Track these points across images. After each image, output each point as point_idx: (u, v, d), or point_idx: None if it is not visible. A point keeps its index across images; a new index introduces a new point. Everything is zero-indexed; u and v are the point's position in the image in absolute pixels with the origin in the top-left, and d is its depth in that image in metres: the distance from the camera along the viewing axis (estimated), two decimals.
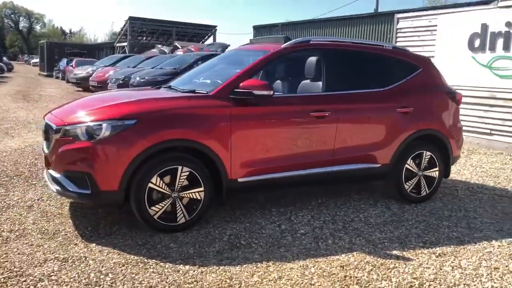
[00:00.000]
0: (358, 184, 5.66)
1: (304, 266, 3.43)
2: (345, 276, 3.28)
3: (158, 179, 3.84)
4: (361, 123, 4.76)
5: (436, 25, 9.42)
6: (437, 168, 5.21)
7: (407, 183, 5.04)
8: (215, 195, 4.13)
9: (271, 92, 4.10)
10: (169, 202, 3.92)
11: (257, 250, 3.71)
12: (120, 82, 15.84)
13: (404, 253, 3.75)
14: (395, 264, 3.51)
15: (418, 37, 9.83)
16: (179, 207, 3.95)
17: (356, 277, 3.29)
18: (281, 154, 4.36)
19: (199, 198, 4.01)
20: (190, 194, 3.98)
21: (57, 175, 3.91)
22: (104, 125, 3.72)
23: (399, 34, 10.27)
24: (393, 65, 5.08)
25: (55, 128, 3.91)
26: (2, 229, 3.95)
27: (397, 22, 10.31)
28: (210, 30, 34.17)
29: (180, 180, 3.92)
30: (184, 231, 4.00)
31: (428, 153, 5.12)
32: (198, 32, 33.92)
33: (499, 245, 3.98)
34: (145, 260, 3.44)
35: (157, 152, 3.81)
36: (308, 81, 4.68)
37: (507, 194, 5.63)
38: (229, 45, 20.51)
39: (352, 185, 5.61)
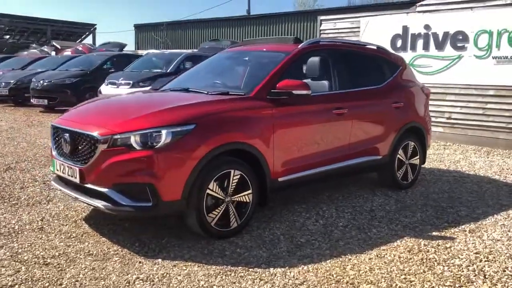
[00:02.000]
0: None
1: (379, 256, 3.63)
2: (422, 259, 3.56)
3: (215, 184, 3.72)
4: (368, 119, 5.09)
5: (359, 27, 10.24)
6: (418, 156, 5.78)
7: (398, 172, 5.52)
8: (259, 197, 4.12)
9: (310, 92, 4.21)
10: (224, 208, 3.81)
11: (321, 246, 3.80)
12: (12, 86, 14.25)
13: (442, 233, 4.16)
14: (448, 243, 3.89)
15: (342, 38, 10.56)
16: (231, 211, 3.87)
17: (430, 258, 3.58)
18: (312, 151, 4.49)
19: (247, 200, 3.96)
20: (240, 197, 3.91)
21: (103, 189, 3.55)
22: (164, 131, 3.49)
23: (323, 35, 10.92)
24: (383, 63, 5.51)
25: (100, 137, 3.53)
26: (43, 256, 3.47)
27: (320, 24, 10.95)
28: (88, 28, 32.19)
29: (232, 184, 3.84)
30: (236, 236, 3.92)
31: (412, 143, 5.66)
32: (75, 31, 31.72)
33: (505, 218, 4.60)
34: (232, 268, 3.33)
35: (215, 156, 3.68)
36: (322, 80, 4.86)
37: (463, 175, 6.43)
38: (126, 45, 19.64)
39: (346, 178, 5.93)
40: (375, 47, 5.62)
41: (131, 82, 11.41)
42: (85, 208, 4.60)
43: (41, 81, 12.71)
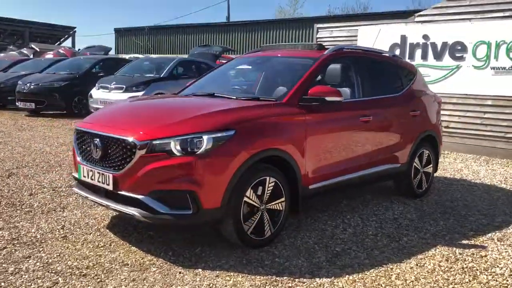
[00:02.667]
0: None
1: (419, 265, 3.59)
2: (463, 268, 3.54)
3: (251, 191, 3.63)
4: (390, 126, 5.09)
5: (356, 36, 10.31)
6: (431, 165, 5.81)
7: (414, 180, 5.53)
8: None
9: (342, 98, 4.17)
10: (259, 216, 3.72)
11: (358, 255, 3.75)
12: None
13: (471, 241, 4.16)
14: (482, 252, 3.89)
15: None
16: (266, 220, 3.78)
17: (470, 267, 3.57)
18: (340, 158, 4.45)
19: (281, 209, 3.89)
20: (274, 205, 3.83)
21: (139, 196, 3.40)
22: (205, 137, 3.38)
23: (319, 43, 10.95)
24: (400, 71, 5.53)
25: (139, 143, 3.39)
26: (77, 267, 3.31)
27: (317, 32, 10.99)
28: (67, 31, 31.56)
29: (268, 191, 3.76)
30: (270, 245, 3.83)
31: (427, 151, 5.69)
32: (54, 34, 31.05)
33: None
34: (277, 278, 3.25)
35: (253, 163, 3.60)
36: (345, 87, 4.83)
37: (470, 183, 6.50)
38: (111, 48, 19.30)
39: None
40: (391, 55, 5.64)
41: (124, 86, 11.17)
42: (105, 215, 4.43)
43: (28, 84, 12.33)
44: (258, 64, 5.11)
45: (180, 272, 3.30)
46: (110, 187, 3.53)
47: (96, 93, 11.58)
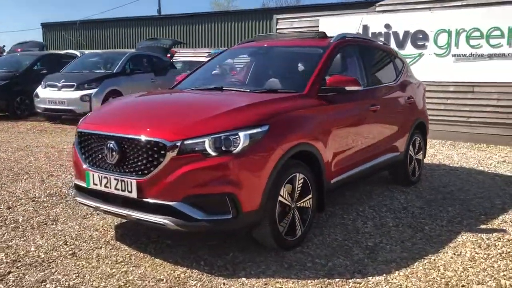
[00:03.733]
0: None
1: (457, 254, 3.55)
2: (500, 254, 3.54)
3: (284, 190, 3.40)
4: (393, 115, 5.04)
5: (317, 26, 10.27)
6: (422, 152, 5.86)
7: (409, 167, 5.54)
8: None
9: (361, 87, 4.03)
10: (291, 215, 3.50)
11: (393, 248, 3.64)
12: None
13: (488, 225, 4.21)
14: (505, 236, 3.92)
15: None
16: (297, 219, 3.57)
17: (507, 252, 3.57)
18: (356, 149, 4.32)
19: (308, 206, 3.68)
20: (303, 203, 3.63)
21: (171, 203, 3.06)
22: (241, 134, 3.09)
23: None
24: (394, 59, 5.49)
25: (169, 143, 3.03)
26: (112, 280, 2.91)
27: (276, 23, 10.83)
28: None
29: (298, 189, 3.54)
30: (301, 245, 3.63)
31: (418, 138, 5.73)
32: None
33: None
34: (329, 281, 3.05)
35: (287, 159, 3.36)
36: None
37: (450, 168, 6.66)
38: (45, 44, 17.95)
39: None
40: (383, 43, 5.59)
41: (75, 84, 10.42)
42: (106, 226, 4.01)
43: None
44: (260, 55, 4.83)
45: (224, 283, 3.00)
46: (134, 195, 3.14)
47: (43, 92, 10.71)
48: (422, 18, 9.09)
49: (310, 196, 3.66)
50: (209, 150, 3.04)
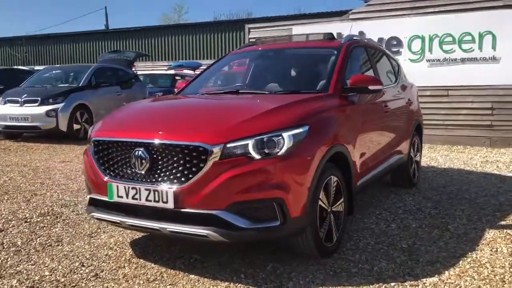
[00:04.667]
0: None
1: (494, 250, 3.50)
2: None
3: (323, 194, 3.23)
4: (399, 116, 5.01)
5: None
6: (419, 153, 5.89)
7: (411, 169, 5.53)
8: None
9: (383, 87, 3.95)
10: (329, 220, 3.34)
11: (429, 249, 3.54)
12: None
13: (507, 221, 4.21)
14: None
15: None
16: (333, 223, 3.41)
17: None
18: (374, 151, 4.23)
19: (341, 210, 3.54)
20: (337, 207, 3.48)
21: (214, 212, 2.81)
22: (285, 134, 2.90)
23: None
24: (392, 61, 5.50)
25: (211, 147, 2.79)
26: None
27: (249, 32, 10.74)
28: None
29: (332, 192, 3.39)
30: (337, 251, 3.47)
31: (417, 140, 5.75)
32: None
33: None
34: (385, 285, 2.89)
35: (326, 162, 3.20)
36: None
37: (439, 169, 6.74)
38: None
39: None
40: (379, 45, 5.59)
41: (39, 99, 9.81)
42: (119, 243, 3.69)
43: None
44: (270, 57, 4.65)
45: None
46: (170, 205, 2.86)
47: (3, 108, 10.01)
48: (395, 25, 9.27)
49: (342, 199, 3.52)
50: (253, 153, 2.83)
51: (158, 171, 2.93)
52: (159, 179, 2.92)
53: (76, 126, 10.02)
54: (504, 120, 8.68)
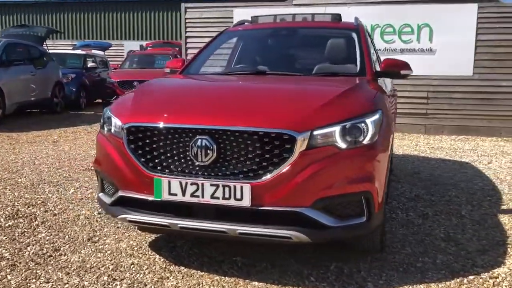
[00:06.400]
0: None
1: None
2: None
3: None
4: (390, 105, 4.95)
5: (230, 17, 9.84)
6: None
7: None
8: None
9: (412, 71, 3.82)
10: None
11: (467, 237, 3.51)
12: None
13: None
14: None
15: (211, 28, 9.97)
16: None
17: None
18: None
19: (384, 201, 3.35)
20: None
21: (299, 209, 2.44)
22: (368, 121, 2.61)
23: (188, 25, 10.10)
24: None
25: (298, 135, 2.40)
26: None
27: (185, 12, 10.09)
28: None
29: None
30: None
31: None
32: None
33: None
34: (466, 280, 2.77)
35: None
36: None
37: (416, 157, 6.93)
38: None
39: None
40: None
41: None
42: (138, 248, 3.14)
43: None
44: (285, 37, 4.24)
45: None
46: (246, 203, 2.43)
47: None
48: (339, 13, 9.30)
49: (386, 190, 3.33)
50: (339, 141, 2.50)
51: (227, 163, 2.47)
52: (229, 173, 2.46)
53: None
54: (438, 109, 9.21)
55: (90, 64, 14.19)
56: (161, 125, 2.57)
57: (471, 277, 2.80)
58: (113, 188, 2.79)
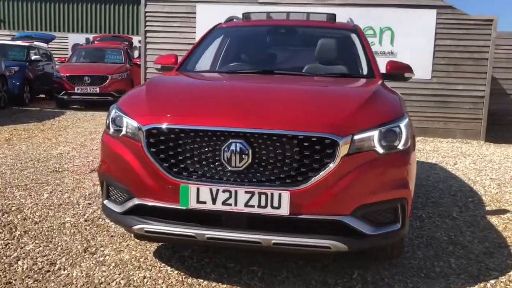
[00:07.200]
0: None
1: None
2: None
3: None
4: None
5: (194, 12, 9.57)
6: None
7: None
8: None
9: (414, 75, 3.81)
10: None
11: (470, 239, 3.55)
12: None
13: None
14: None
15: (174, 22, 9.65)
16: None
17: None
18: None
19: None
20: None
21: (339, 218, 2.33)
22: (402, 125, 2.54)
23: (148, 18, 9.69)
24: None
25: (340, 139, 2.27)
26: None
27: (145, 5, 9.67)
28: None
29: None
30: None
31: None
32: None
33: None
34: (490, 284, 2.77)
35: None
36: None
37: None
38: None
39: None
40: None
41: None
42: (136, 257, 2.89)
43: None
44: (285, 36, 4.08)
45: None
46: (284, 211, 2.27)
47: None
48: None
49: None
50: (377, 146, 2.41)
51: (262, 169, 2.31)
52: (264, 179, 2.30)
53: None
54: None
55: (34, 57, 13.28)
56: (189, 127, 2.36)
57: (492, 281, 2.82)
58: (125, 196, 2.53)
